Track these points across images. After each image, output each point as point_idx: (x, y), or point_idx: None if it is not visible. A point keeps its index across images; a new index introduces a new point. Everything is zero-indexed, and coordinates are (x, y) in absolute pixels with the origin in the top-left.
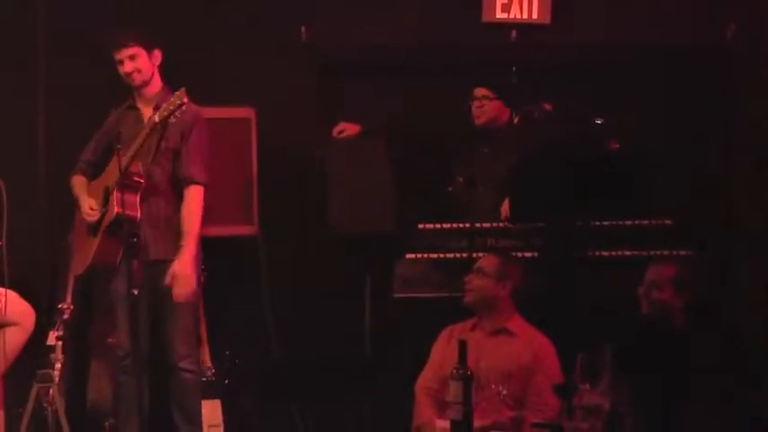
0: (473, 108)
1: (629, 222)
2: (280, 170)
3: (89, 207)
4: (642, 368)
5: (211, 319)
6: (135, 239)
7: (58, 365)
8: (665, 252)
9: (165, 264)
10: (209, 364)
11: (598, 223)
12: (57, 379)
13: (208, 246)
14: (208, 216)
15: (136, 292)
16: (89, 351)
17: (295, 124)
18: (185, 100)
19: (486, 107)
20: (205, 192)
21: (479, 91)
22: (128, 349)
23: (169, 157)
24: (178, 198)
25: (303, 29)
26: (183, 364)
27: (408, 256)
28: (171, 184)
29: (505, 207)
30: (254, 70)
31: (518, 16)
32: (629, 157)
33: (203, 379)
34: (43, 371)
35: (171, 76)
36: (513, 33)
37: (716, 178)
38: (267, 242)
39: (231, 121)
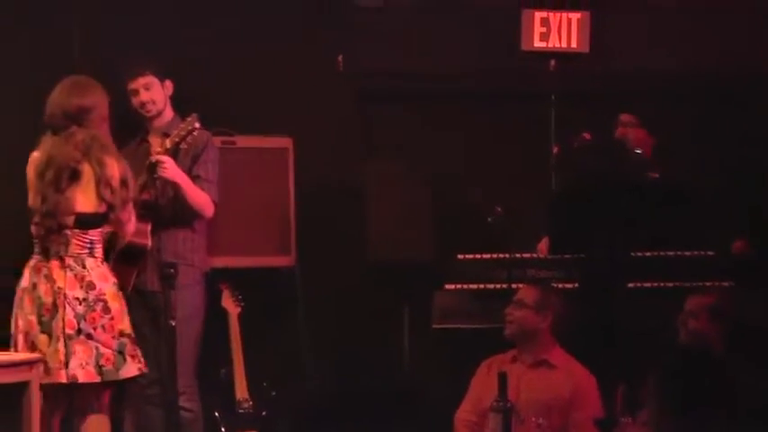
0: (618, 133)
1: (670, 253)
2: (317, 200)
3: None
4: (684, 399)
5: (249, 350)
6: (171, 269)
7: None
8: (707, 284)
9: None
10: (246, 395)
11: (639, 254)
12: None
13: (244, 277)
14: (244, 247)
15: (173, 323)
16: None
17: (333, 153)
18: (197, 126)
19: (630, 134)
20: (215, 211)
21: (624, 117)
22: (151, 379)
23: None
24: (186, 228)
25: (340, 58)
26: (180, 401)
27: (447, 286)
28: (178, 214)
29: (544, 245)
30: (291, 99)
31: (557, 45)
32: (669, 187)
33: (240, 411)
34: None
35: (206, 104)
36: (552, 62)
37: (759, 208)
38: (304, 273)
39: (268, 150)
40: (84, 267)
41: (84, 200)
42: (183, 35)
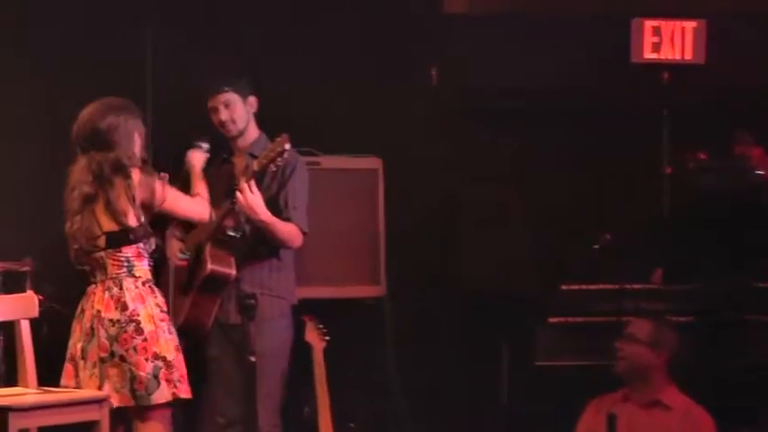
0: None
1: None
2: (409, 225)
3: (178, 250)
4: None
5: (334, 387)
6: (252, 301)
7: None
8: None
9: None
10: None
11: (760, 284)
12: None
13: (329, 308)
14: (329, 276)
15: (253, 359)
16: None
17: (425, 175)
18: (287, 147)
19: (749, 152)
20: (304, 240)
21: (741, 135)
22: (232, 418)
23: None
24: (271, 257)
25: (433, 71)
26: None
27: (551, 319)
28: (264, 241)
29: (657, 276)
30: (380, 116)
31: (670, 56)
32: None
33: None
34: None
35: (290, 122)
36: (665, 75)
37: None
38: (395, 305)
39: (356, 172)
40: (121, 288)
41: (106, 219)
42: (264, 48)
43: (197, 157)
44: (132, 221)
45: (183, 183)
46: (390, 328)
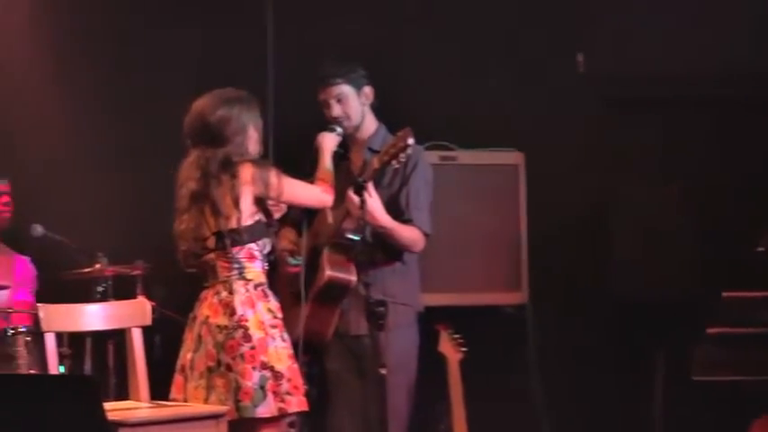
0: None
1: None
2: (553, 226)
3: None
4: None
5: (470, 399)
6: (382, 308)
7: None
8: None
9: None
10: None
11: None
12: None
13: (468, 317)
14: (466, 282)
15: (384, 372)
16: None
17: (571, 171)
18: (410, 142)
19: None
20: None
21: None
22: None
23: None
24: (394, 261)
25: (580, 57)
26: None
27: (710, 330)
28: (386, 245)
29: None
30: (522, 107)
31: None
32: None
33: None
34: None
35: (424, 114)
36: None
37: None
38: (538, 313)
39: (495, 167)
40: (231, 292)
41: (214, 219)
42: (391, 33)
43: (328, 140)
44: (234, 223)
45: (310, 166)
46: (533, 338)
